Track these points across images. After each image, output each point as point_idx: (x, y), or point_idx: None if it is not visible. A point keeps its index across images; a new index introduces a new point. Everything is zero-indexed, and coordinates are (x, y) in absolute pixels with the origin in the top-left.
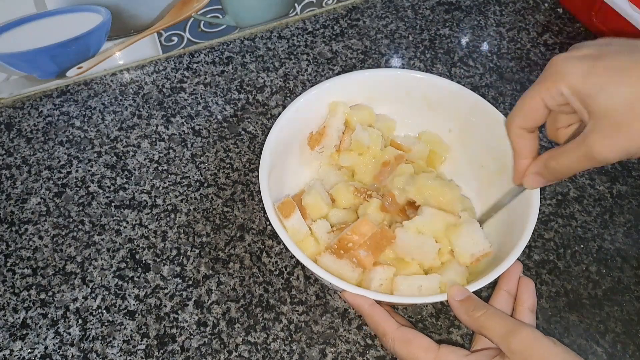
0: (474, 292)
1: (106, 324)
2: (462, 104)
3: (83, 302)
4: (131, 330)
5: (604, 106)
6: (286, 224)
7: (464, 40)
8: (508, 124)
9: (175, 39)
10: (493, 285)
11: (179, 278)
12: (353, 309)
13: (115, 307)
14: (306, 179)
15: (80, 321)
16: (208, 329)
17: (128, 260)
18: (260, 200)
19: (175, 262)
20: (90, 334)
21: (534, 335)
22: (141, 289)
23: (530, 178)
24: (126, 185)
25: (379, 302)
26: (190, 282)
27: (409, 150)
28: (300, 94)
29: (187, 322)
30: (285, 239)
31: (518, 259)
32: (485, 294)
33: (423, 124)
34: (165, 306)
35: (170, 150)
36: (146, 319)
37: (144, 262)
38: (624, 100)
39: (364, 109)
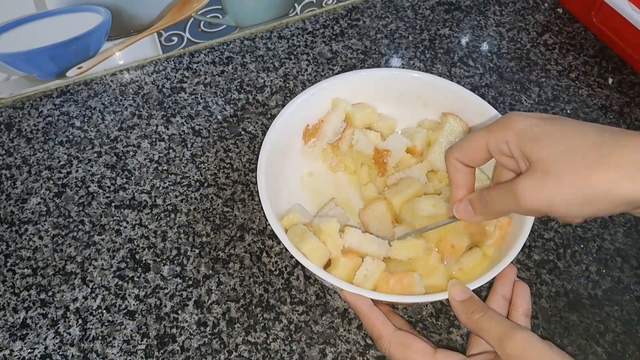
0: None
1: (106, 324)
2: (459, 103)
3: (83, 302)
4: (131, 330)
5: (541, 154)
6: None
7: (463, 40)
8: (447, 155)
9: (175, 39)
10: (489, 287)
11: (179, 278)
12: (350, 308)
13: (115, 307)
14: (306, 179)
15: (80, 321)
16: (208, 329)
17: (128, 260)
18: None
19: (175, 262)
20: (90, 334)
21: (529, 339)
22: (141, 289)
23: (463, 206)
24: (126, 185)
25: (377, 302)
26: (190, 282)
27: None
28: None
29: (187, 322)
30: (285, 241)
31: (515, 260)
32: (485, 294)
33: (414, 120)
34: (165, 306)
35: (170, 150)
36: (146, 319)
37: (144, 262)
38: (560, 151)
39: (366, 107)
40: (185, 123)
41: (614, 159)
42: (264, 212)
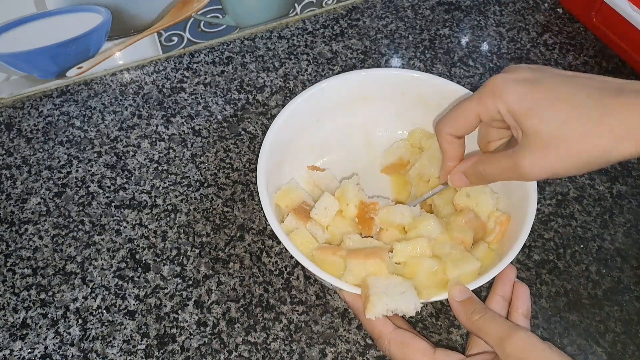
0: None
1: (106, 324)
2: (452, 99)
3: (83, 302)
4: (131, 330)
5: (537, 127)
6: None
7: (463, 40)
8: (438, 129)
9: (175, 39)
10: (488, 287)
11: (179, 278)
12: (350, 309)
13: (115, 307)
14: (305, 178)
15: (80, 321)
16: (208, 329)
17: (128, 260)
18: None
19: (175, 262)
20: (90, 334)
21: (529, 340)
22: (141, 289)
23: (457, 176)
24: (126, 185)
25: None
26: (190, 282)
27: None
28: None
29: (187, 322)
30: (285, 240)
31: (515, 260)
32: (485, 294)
33: (418, 122)
34: (165, 306)
35: (170, 150)
36: (146, 319)
37: (144, 262)
38: (554, 124)
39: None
40: (185, 123)
41: (607, 124)
42: (263, 212)
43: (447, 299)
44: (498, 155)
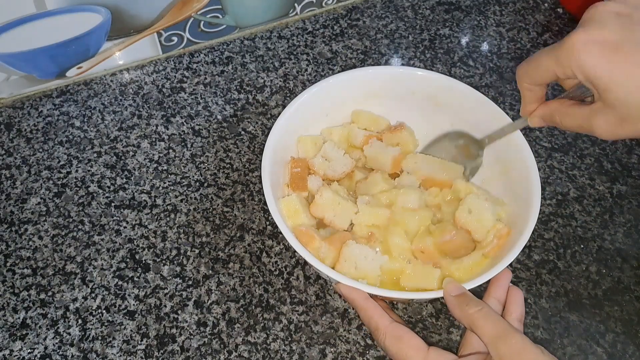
0: (470, 290)
1: (106, 324)
2: (465, 101)
3: (83, 302)
4: (131, 330)
5: (615, 99)
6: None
7: (464, 40)
8: (519, 78)
9: (175, 39)
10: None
11: (179, 278)
12: (347, 302)
13: (115, 307)
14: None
15: (80, 321)
16: (208, 329)
17: (128, 260)
18: (260, 200)
19: (175, 262)
20: (90, 334)
21: (523, 343)
22: (141, 289)
23: (535, 120)
24: (126, 185)
25: (375, 299)
26: (190, 282)
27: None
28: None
29: (187, 322)
30: (286, 233)
31: (515, 260)
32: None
33: (423, 120)
34: (165, 306)
35: (170, 150)
36: (146, 319)
37: (143, 262)
38: (634, 99)
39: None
40: (185, 123)
41: None
42: (264, 212)
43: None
44: (575, 110)
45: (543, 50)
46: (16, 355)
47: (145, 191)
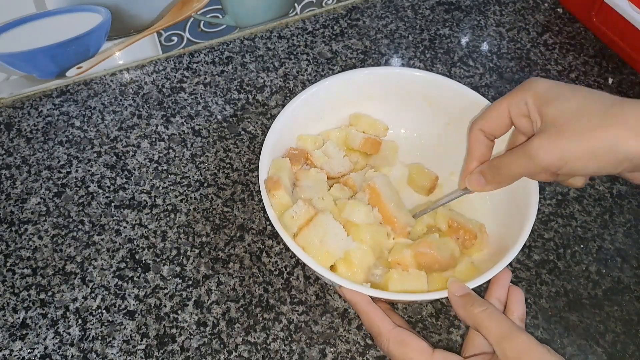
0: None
1: (106, 324)
2: (461, 101)
3: (83, 302)
4: (131, 330)
5: (554, 113)
6: (272, 200)
7: (463, 40)
8: (471, 125)
9: (175, 38)
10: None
11: (178, 278)
12: (350, 306)
13: (115, 307)
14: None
15: (80, 321)
16: (208, 329)
17: (128, 260)
18: (260, 200)
19: (175, 262)
20: (90, 334)
21: (529, 342)
22: (141, 289)
23: (474, 177)
24: (126, 185)
25: (376, 300)
26: (190, 282)
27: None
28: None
29: (187, 322)
30: (286, 238)
31: (515, 260)
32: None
33: (421, 121)
34: (165, 306)
35: (170, 150)
36: (146, 319)
37: (143, 262)
38: (571, 111)
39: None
40: (185, 123)
41: (621, 118)
42: (264, 212)
43: (446, 298)
44: (513, 148)
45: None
46: (16, 355)
47: (145, 191)
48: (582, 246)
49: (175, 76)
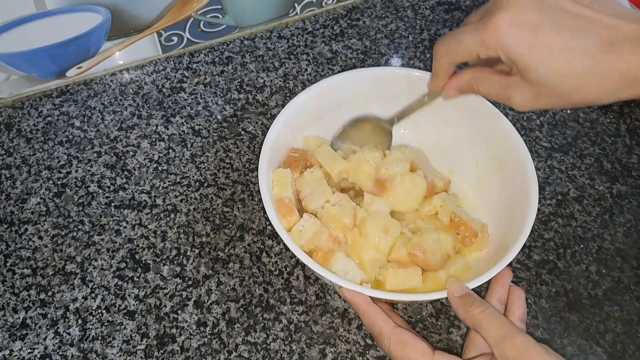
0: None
1: (106, 324)
2: (460, 101)
3: (83, 302)
4: (131, 330)
5: (535, 77)
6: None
7: None
8: (438, 55)
9: (175, 38)
10: (485, 290)
11: (178, 278)
12: (350, 306)
13: (115, 307)
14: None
15: (80, 321)
16: (208, 329)
17: (128, 260)
18: (260, 200)
19: (175, 262)
20: (90, 334)
21: (528, 343)
22: (141, 289)
23: (451, 92)
24: (126, 185)
25: (376, 301)
26: (190, 282)
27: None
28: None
29: (187, 322)
30: (285, 237)
31: (515, 260)
32: (482, 296)
33: (421, 121)
34: (165, 306)
35: (170, 150)
36: (146, 319)
37: (143, 262)
38: (550, 78)
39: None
40: (185, 123)
41: (597, 81)
42: (264, 212)
43: (446, 298)
44: (494, 78)
45: (464, 29)
46: (16, 355)
47: (145, 191)
48: (582, 246)
49: (175, 76)
